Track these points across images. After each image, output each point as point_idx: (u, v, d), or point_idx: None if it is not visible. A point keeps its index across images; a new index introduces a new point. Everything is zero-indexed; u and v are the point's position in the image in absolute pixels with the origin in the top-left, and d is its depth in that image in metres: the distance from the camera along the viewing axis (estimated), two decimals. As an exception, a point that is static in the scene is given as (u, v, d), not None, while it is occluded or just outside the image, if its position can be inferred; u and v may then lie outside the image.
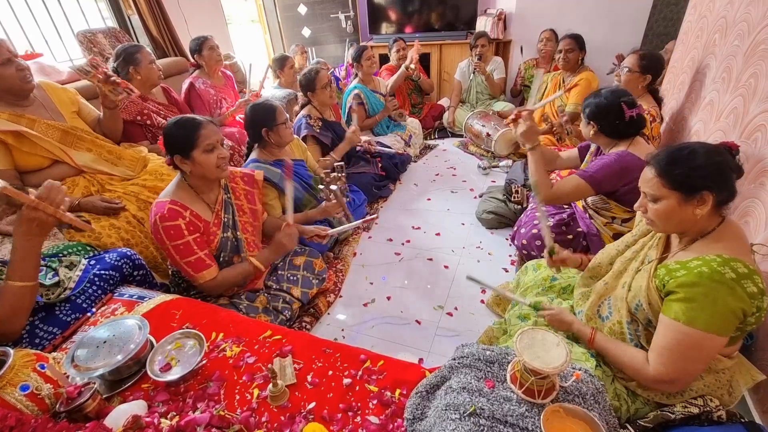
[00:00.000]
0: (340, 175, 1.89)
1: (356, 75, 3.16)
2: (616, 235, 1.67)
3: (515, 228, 1.97)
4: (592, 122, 1.57)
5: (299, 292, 1.66)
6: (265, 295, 1.60)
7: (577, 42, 2.66)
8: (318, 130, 2.50)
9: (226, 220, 1.52)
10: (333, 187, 1.90)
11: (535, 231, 1.78)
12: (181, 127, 1.36)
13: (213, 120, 1.44)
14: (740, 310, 0.85)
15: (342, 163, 2.03)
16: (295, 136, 2.24)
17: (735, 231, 0.95)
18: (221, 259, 1.52)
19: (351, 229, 1.67)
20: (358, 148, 2.85)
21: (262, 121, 1.88)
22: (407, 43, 3.68)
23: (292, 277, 1.69)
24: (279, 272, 1.70)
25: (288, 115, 1.95)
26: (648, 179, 0.99)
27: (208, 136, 1.36)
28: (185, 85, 2.70)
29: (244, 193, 1.61)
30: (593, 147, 1.77)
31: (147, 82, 2.21)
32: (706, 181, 0.91)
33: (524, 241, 1.82)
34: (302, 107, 2.66)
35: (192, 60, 2.77)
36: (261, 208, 1.70)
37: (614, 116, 1.50)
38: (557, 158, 1.90)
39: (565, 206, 1.89)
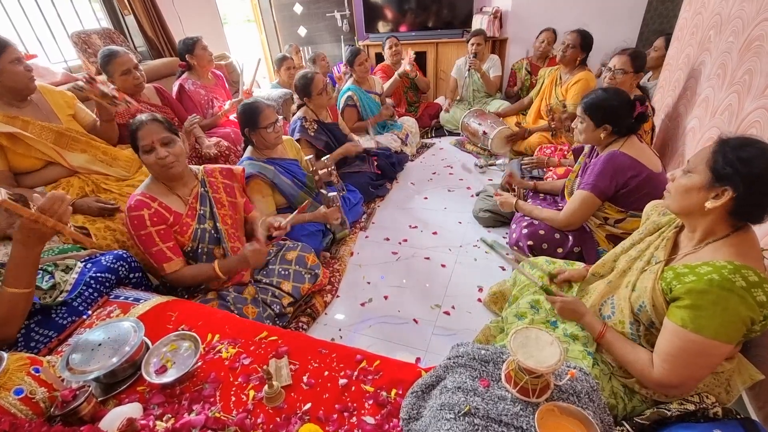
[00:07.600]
0: (319, 177, 1.98)
1: (351, 75, 3.14)
2: (609, 236, 1.68)
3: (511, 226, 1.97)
4: (606, 125, 1.55)
5: (290, 287, 1.66)
6: (255, 286, 1.62)
7: (582, 39, 2.61)
8: (312, 134, 2.49)
9: (202, 212, 1.54)
10: (333, 194, 1.92)
11: (525, 231, 1.77)
12: (130, 129, 1.42)
13: (158, 118, 1.44)
14: (749, 319, 0.84)
15: (324, 171, 2.09)
16: (288, 136, 2.24)
17: (748, 237, 0.93)
18: (200, 249, 1.54)
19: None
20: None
21: (245, 122, 1.91)
22: (401, 43, 3.67)
23: (283, 272, 1.69)
24: (270, 267, 1.70)
25: (282, 116, 1.95)
26: (704, 150, 0.96)
27: (143, 138, 1.38)
28: (175, 87, 2.67)
29: (222, 186, 1.63)
30: (587, 148, 1.77)
31: (125, 92, 2.10)
32: (736, 178, 0.86)
33: (518, 240, 1.82)
34: (299, 107, 2.66)
35: (182, 61, 2.72)
36: (242, 201, 1.71)
37: (628, 115, 1.53)
38: (559, 186, 2.00)
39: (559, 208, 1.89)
